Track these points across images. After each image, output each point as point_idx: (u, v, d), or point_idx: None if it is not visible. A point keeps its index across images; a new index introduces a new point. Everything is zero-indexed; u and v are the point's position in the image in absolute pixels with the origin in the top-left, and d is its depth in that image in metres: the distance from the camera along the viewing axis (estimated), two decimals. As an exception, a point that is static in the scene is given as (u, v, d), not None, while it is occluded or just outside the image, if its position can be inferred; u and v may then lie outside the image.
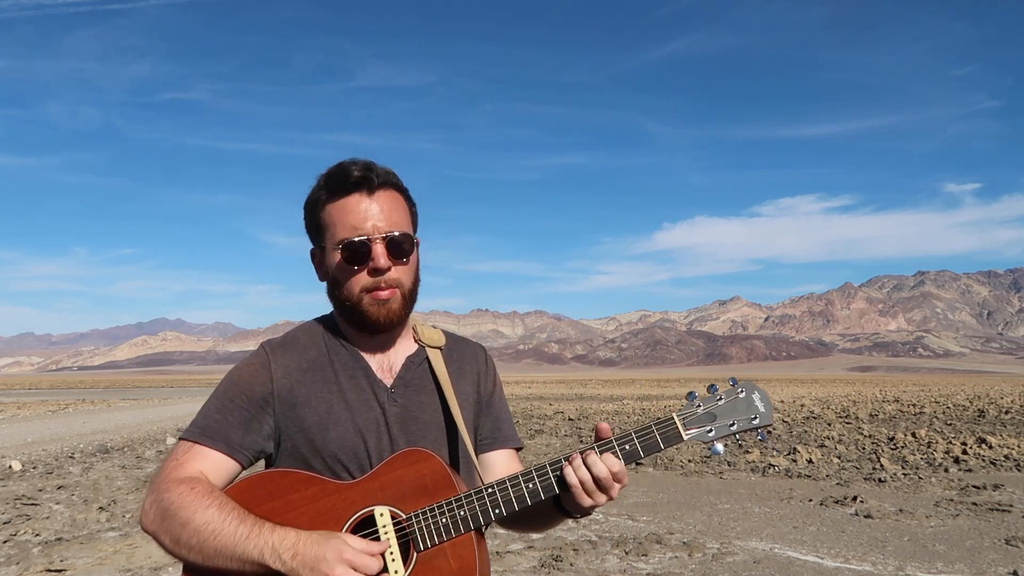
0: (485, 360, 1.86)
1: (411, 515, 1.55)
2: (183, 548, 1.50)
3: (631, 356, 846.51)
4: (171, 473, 1.57)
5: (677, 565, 6.38)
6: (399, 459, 1.58)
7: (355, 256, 1.62)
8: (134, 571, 6.14)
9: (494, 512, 1.56)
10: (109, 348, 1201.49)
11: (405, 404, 1.69)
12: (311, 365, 1.69)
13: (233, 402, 1.64)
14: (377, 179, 1.64)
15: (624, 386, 78.91)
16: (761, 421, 1.64)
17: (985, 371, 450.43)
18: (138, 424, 22.82)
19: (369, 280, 1.63)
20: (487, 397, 1.83)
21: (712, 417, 1.63)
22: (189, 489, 1.52)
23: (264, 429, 1.65)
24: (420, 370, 1.74)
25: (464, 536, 1.55)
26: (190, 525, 1.49)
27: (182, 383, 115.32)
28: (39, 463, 13.04)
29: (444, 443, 1.72)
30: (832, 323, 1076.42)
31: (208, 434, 1.61)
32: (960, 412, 25.36)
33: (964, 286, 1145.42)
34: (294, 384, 1.66)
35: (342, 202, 1.64)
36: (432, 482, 1.57)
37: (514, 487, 1.58)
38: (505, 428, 1.84)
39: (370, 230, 1.62)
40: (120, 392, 64.06)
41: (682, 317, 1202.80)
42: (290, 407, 1.65)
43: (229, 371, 1.72)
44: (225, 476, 1.61)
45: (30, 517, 8.22)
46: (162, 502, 1.53)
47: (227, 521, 1.48)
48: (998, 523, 7.87)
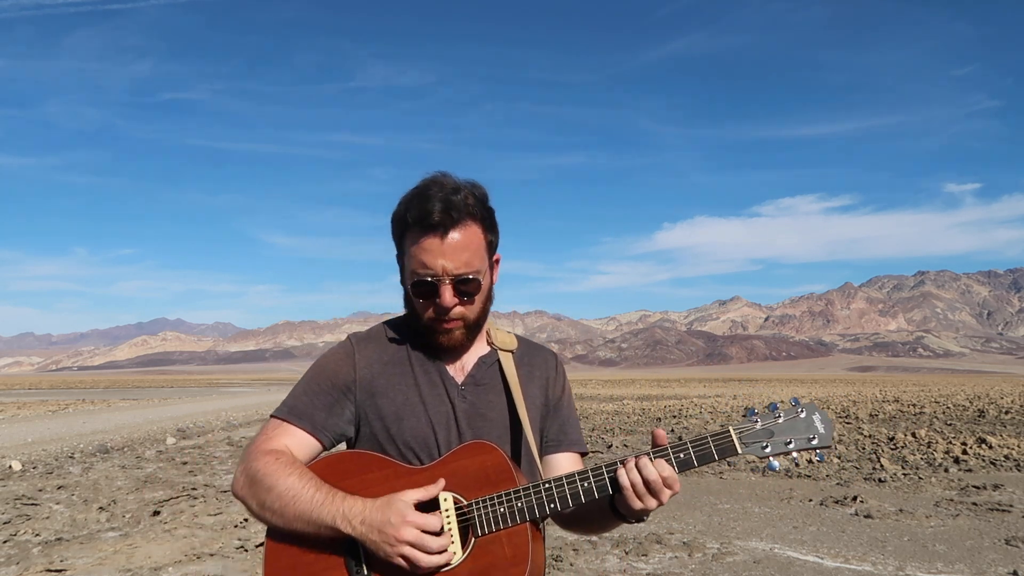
0: (556, 367, 1.96)
1: (472, 502, 1.66)
2: (267, 511, 1.67)
3: (631, 356, 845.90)
4: (261, 445, 1.75)
5: (677, 565, 6.38)
6: (465, 450, 1.71)
7: (423, 293, 1.74)
8: (134, 571, 6.13)
9: (549, 506, 1.66)
10: (109, 348, 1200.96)
11: (474, 401, 1.82)
12: (391, 359, 1.83)
13: (319, 387, 1.80)
14: (455, 218, 1.70)
15: (624, 386, 78.87)
16: (820, 442, 1.67)
17: (985, 371, 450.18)
18: (138, 424, 22.81)
19: (433, 315, 1.76)
20: (555, 401, 1.92)
21: (769, 434, 1.67)
22: (275, 459, 1.69)
23: (345, 414, 1.80)
24: (491, 371, 1.86)
25: (520, 526, 1.64)
26: (274, 491, 1.65)
27: (182, 383, 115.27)
28: (39, 463, 13.04)
29: (508, 440, 1.83)
30: (832, 323, 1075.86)
31: (295, 414, 1.78)
32: (960, 412, 25.35)
33: (964, 286, 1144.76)
34: (375, 375, 1.81)
35: (418, 237, 1.72)
36: (494, 473, 1.68)
37: (570, 485, 1.67)
38: (571, 432, 1.93)
39: (439, 270, 1.71)
40: (120, 392, 64.02)
41: (682, 317, 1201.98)
42: (370, 396, 1.79)
43: (318, 358, 1.87)
44: (308, 453, 1.77)
45: (30, 517, 8.21)
46: (250, 470, 1.70)
47: (305, 489, 1.64)
48: (998, 523, 7.87)
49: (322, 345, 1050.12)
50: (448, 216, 1.69)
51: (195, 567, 6.25)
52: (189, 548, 6.81)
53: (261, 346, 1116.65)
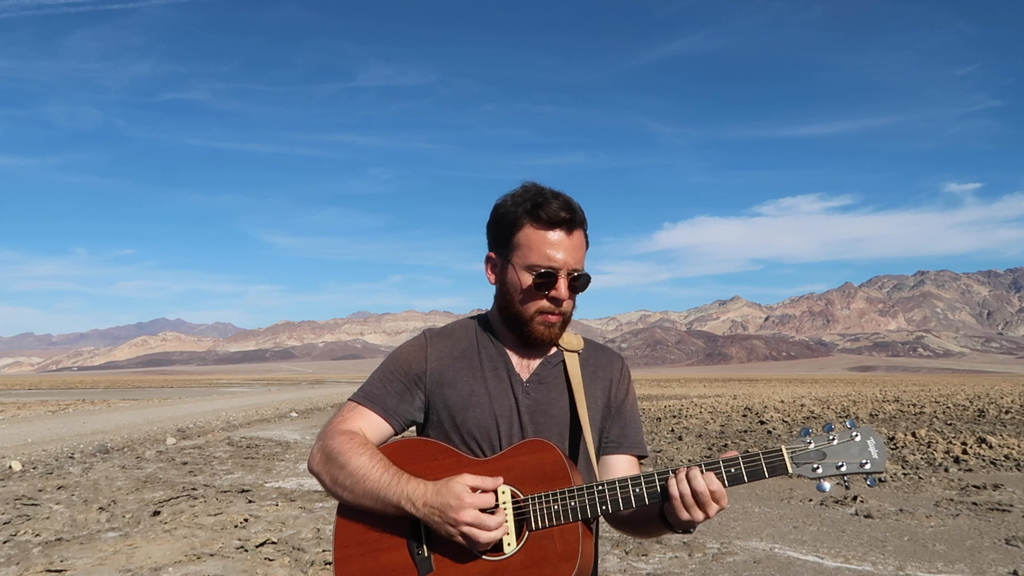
0: (620, 369, 2.04)
1: (529, 497, 1.74)
2: (339, 487, 1.81)
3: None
4: (337, 425, 1.89)
5: (677, 565, 6.38)
6: (525, 446, 1.80)
7: (542, 284, 1.85)
8: (134, 571, 6.13)
9: (600, 508, 1.73)
10: (109, 348, 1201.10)
11: (537, 398, 1.91)
12: (462, 354, 1.95)
13: (393, 375, 1.94)
14: (578, 219, 1.87)
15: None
16: (873, 468, 1.68)
17: (985, 371, 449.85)
18: (138, 424, 22.80)
19: (547, 305, 1.87)
20: (617, 404, 2.00)
21: (821, 455, 1.69)
22: (349, 439, 1.84)
23: (416, 402, 1.93)
24: (555, 370, 1.96)
25: (572, 524, 1.72)
26: (346, 468, 1.79)
27: (182, 383, 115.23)
28: (39, 463, 13.04)
29: (567, 438, 1.92)
30: (832, 323, 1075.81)
31: (370, 398, 1.93)
32: (960, 412, 25.35)
33: (964, 286, 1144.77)
34: (445, 367, 1.93)
35: (543, 232, 1.85)
36: (551, 471, 1.75)
37: (622, 489, 1.73)
38: (632, 435, 2.00)
39: (560, 264, 1.84)
40: (120, 392, 63.98)
41: (682, 317, 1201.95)
42: (439, 386, 1.92)
43: (394, 349, 2.01)
44: (379, 436, 1.91)
45: (30, 517, 8.21)
46: (327, 447, 1.85)
47: (375, 468, 1.77)
48: (998, 523, 7.87)
49: (322, 345, 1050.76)
50: (575, 215, 1.85)
51: (195, 567, 6.25)
52: (189, 548, 6.81)
53: (261, 346, 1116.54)
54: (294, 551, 6.72)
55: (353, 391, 2.00)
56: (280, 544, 6.99)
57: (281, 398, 45.28)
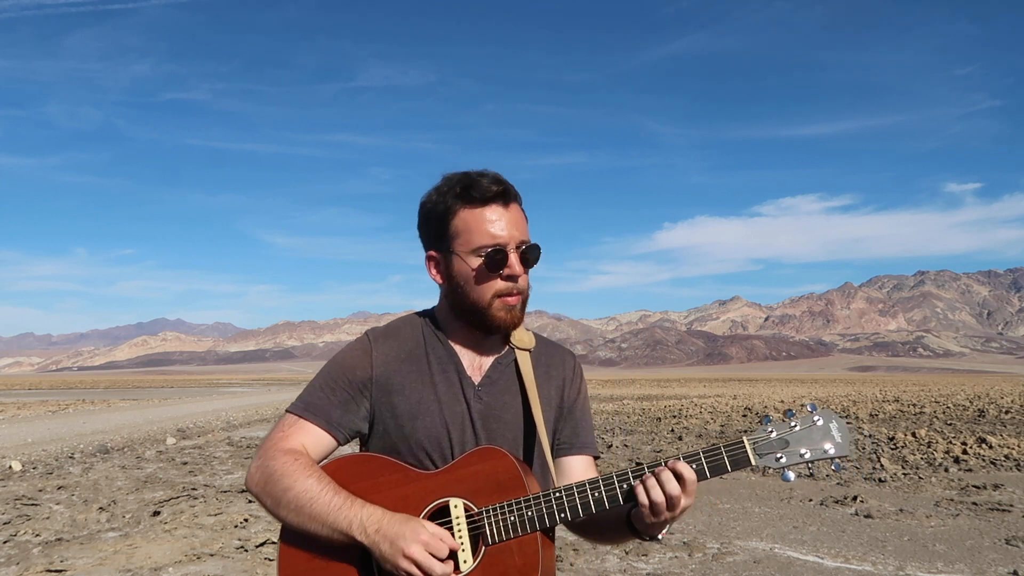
0: (573, 368, 1.93)
1: (483, 509, 1.64)
2: (282, 510, 1.67)
3: (631, 356, 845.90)
4: (278, 443, 1.75)
5: (677, 565, 6.38)
6: (476, 455, 1.69)
7: (493, 263, 1.72)
8: (134, 571, 6.13)
9: (559, 515, 1.63)
10: (109, 348, 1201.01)
11: (489, 402, 1.80)
12: (408, 356, 1.82)
13: (336, 383, 1.79)
14: (512, 192, 1.77)
15: (624, 386, 78.87)
16: (837, 452, 1.62)
17: (985, 371, 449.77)
18: (138, 424, 22.80)
19: (503, 285, 1.74)
20: (570, 403, 1.90)
21: (784, 443, 1.62)
22: (293, 460, 1.70)
23: (361, 411, 1.79)
24: (507, 371, 1.84)
25: (530, 536, 1.62)
26: (291, 491, 1.66)
27: (182, 383, 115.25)
28: (39, 463, 13.04)
29: (521, 442, 1.82)
30: (832, 323, 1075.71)
31: (311, 410, 1.78)
32: (960, 412, 25.35)
33: (964, 286, 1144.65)
34: (391, 372, 1.79)
35: (479, 211, 1.73)
36: (505, 480, 1.65)
37: (580, 494, 1.64)
38: (583, 435, 1.91)
39: (507, 239, 1.73)
40: (120, 392, 63.99)
41: (682, 317, 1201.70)
42: (385, 393, 1.78)
43: (335, 354, 1.86)
44: (323, 450, 1.78)
45: (30, 517, 8.21)
46: (267, 468, 1.71)
47: (324, 491, 1.65)
48: (998, 523, 7.87)
49: (322, 345, 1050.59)
50: (507, 187, 1.75)
51: (195, 567, 6.25)
52: (189, 548, 6.81)
53: (261, 346, 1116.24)
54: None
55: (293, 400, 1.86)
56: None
57: (281, 398, 45.28)
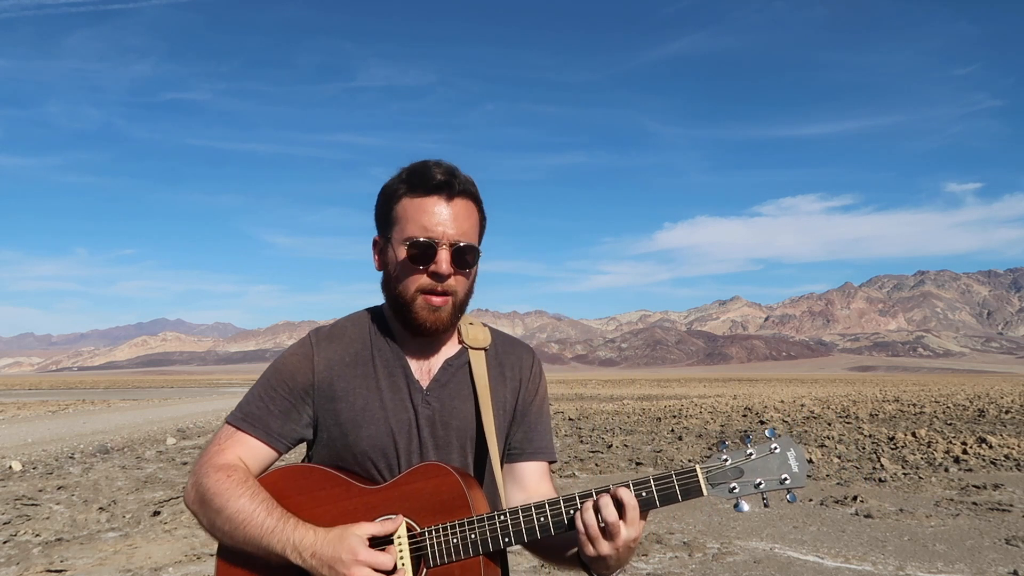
0: (531, 366, 1.82)
1: (425, 530, 1.57)
2: (217, 532, 1.60)
3: (631, 356, 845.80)
4: (212, 458, 1.66)
5: (677, 565, 6.38)
6: (420, 471, 1.61)
7: (419, 256, 1.62)
8: (134, 571, 6.13)
9: (503, 540, 1.56)
10: (109, 348, 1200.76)
11: (438, 407, 1.70)
12: (353, 359, 1.72)
13: (276, 391, 1.70)
14: (458, 186, 1.64)
15: (624, 386, 78.84)
16: (793, 483, 1.54)
17: (985, 371, 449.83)
18: (138, 424, 22.80)
19: (427, 282, 1.64)
20: (525, 406, 1.79)
21: (739, 472, 1.54)
22: (226, 476, 1.61)
23: (303, 419, 1.71)
24: (459, 373, 1.74)
25: (473, 559, 1.55)
26: (223, 512, 1.57)
27: (182, 383, 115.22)
28: (39, 463, 13.03)
29: (471, 450, 1.73)
30: (832, 323, 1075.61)
31: (249, 420, 1.69)
32: (960, 412, 25.35)
33: (964, 286, 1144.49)
34: (335, 377, 1.70)
35: (419, 200, 1.64)
36: (449, 499, 1.57)
37: (526, 518, 1.56)
38: (537, 440, 1.79)
39: (439, 235, 1.62)
40: (120, 392, 63.99)
41: (682, 317, 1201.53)
42: (329, 400, 1.69)
43: (275, 359, 1.77)
44: (262, 462, 1.69)
45: (30, 517, 8.21)
46: (201, 486, 1.62)
47: (256, 512, 1.56)
48: (998, 523, 7.86)
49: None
50: (454, 181, 1.64)
51: (195, 567, 6.25)
52: (189, 548, 6.81)
53: (261, 346, 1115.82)
54: (294, 551, 6.72)
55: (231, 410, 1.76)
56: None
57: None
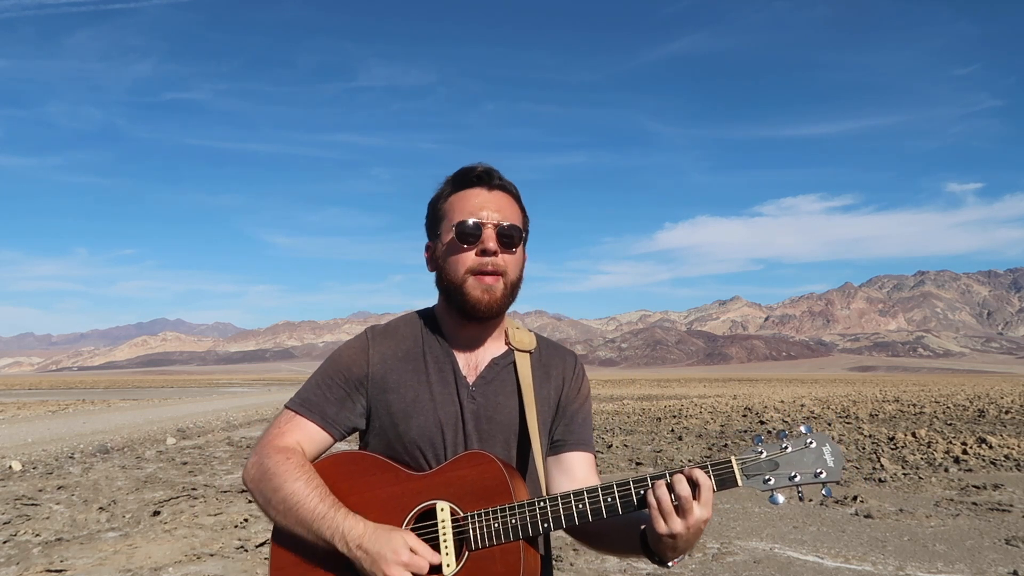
0: (574, 367, 1.92)
1: (468, 514, 1.65)
2: (272, 510, 1.70)
3: (631, 356, 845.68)
4: (273, 440, 1.77)
5: (677, 565, 6.37)
6: (464, 459, 1.70)
7: (466, 236, 1.74)
8: (134, 571, 6.13)
9: (542, 525, 1.62)
10: (109, 348, 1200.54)
11: (483, 402, 1.80)
12: (406, 355, 1.83)
13: (333, 380, 1.82)
14: (497, 179, 1.81)
15: (624, 386, 78.83)
16: (828, 477, 1.57)
17: (985, 371, 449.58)
18: (138, 424, 22.80)
19: (476, 261, 1.74)
20: (567, 402, 1.88)
21: (774, 465, 1.57)
22: (285, 459, 1.72)
23: (357, 408, 1.82)
24: (504, 372, 1.83)
25: (513, 544, 1.62)
26: (280, 492, 1.68)
27: (182, 383, 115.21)
28: (39, 463, 13.04)
29: (514, 445, 1.81)
30: (832, 323, 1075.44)
31: (308, 406, 1.80)
32: (960, 412, 25.34)
33: (964, 286, 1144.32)
34: (388, 370, 1.81)
35: (463, 193, 1.79)
36: (491, 486, 1.66)
37: (564, 505, 1.63)
38: (577, 431, 1.88)
39: (484, 217, 1.75)
40: (120, 392, 63.98)
41: (682, 317, 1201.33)
42: (381, 391, 1.80)
43: (334, 351, 1.88)
44: (319, 446, 1.80)
45: (30, 517, 8.21)
46: (262, 465, 1.73)
47: (310, 496, 1.66)
48: (998, 523, 7.87)
49: (322, 345, 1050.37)
50: (493, 174, 1.80)
51: (195, 567, 6.25)
52: (189, 548, 6.81)
53: (261, 346, 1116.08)
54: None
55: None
56: (280, 544, 6.99)
57: (281, 398, 45.23)
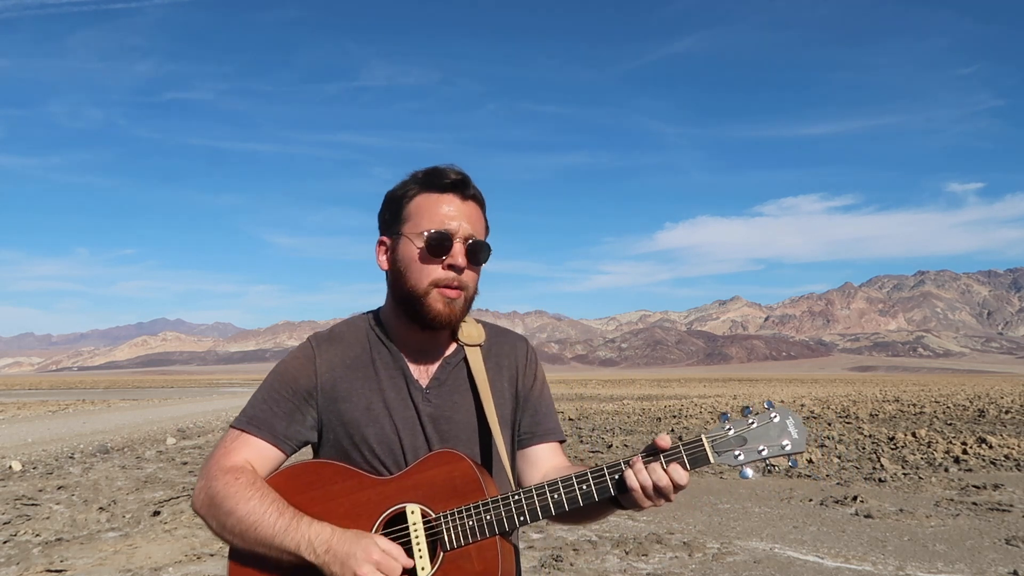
0: (526, 354, 1.88)
1: (440, 515, 1.61)
2: (228, 534, 1.62)
3: (631, 356, 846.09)
4: (220, 461, 1.68)
5: (677, 565, 6.38)
6: (431, 459, 1.65)
7: (437, 248, 1.67)
8: (134, 571, 6.14)
9: (519, 519, 1.61)
10: (109, 348, 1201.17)
11: (439, 404, 1.75)
12: (354, 362, 1.76)
13: (279, 394, 1.73)
14: (472, 189, 1.73)
15: (624, 386, 78.87)
16: (793, 448, 1.62)
17: (985, 371, 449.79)
18: (138, 424, 22.82)
19: (442, 275, 1.68)
20: (525, 391, 1.85)
21: (742, 441, 1.62)
22: (234, 479, 1.63)
23: (307, 420, 1.74)
24: (456, 370, 1.79)
25: (489, 540, 1.60)
26: (234, 515, 1.59)
27: (182, 383, 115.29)
28: (39, 463, 13.04)
29: (476, 442, 1.77)
30: (832, 323, 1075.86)
31: (255, 423, 1.72)
32: (960, 412, 25.35)
33: (964, 286, 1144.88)
34: (337, 379, 1.74)
35: (435, 196, 1.71)
36: (462, 484, 1.63)
37: (540, 497, 1.62)
38: (545, 421, 1.86)
39: (455, 228, 1.68)
40: (120, 392, 64.03)
41: (682, 317, 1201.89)
42: (332, 401, 1.73)
43: (277, 363, 1.79)
44: (269, 464, 1.71)
45: (30, 517, 8.22)
46: (210, 490, 1.64)
47: (267, 513, 1.58)
48: (998, 523, 7.87)
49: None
50: (468, 182, 1.73)
51: (195, 567, 6.25)
52: (189, 548, 6.81)
53: (261, 346, 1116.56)
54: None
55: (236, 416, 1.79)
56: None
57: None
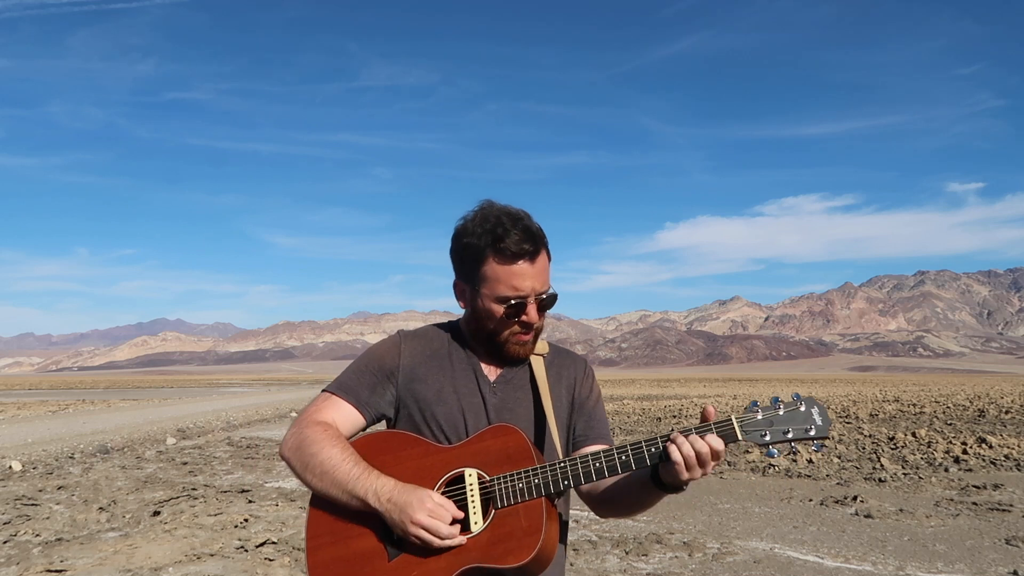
0: (584, 369, 2.18)
1: (494, 477, 1.86)
2: (308, 474, 1.90)
3: (631, 356, 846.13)
4: (311, 415, 2.00)
5: (677, 565, 6.38)
6: (489, 432, 1.93)
7: (513, 313, 1.96)
8: (134, 571, 6.14)
9: (563, 482, 1.83)
10: (109, 348, 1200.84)
11: (503, 397, 2.05)
12: (433, 354, 2.08)
13: (367, 368, 2.06)
14: (538, 246, 1.96)
15: (624, 386, 78.86)
16: (817, 433, 1.78)
17: (985, 371, 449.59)
18: (138, 424, 22.82)
19: (518, 329, 2.00)
20: (581, 400, 2.13)
21: (769, 423, 1.79)
22: (323, 430, 1.94)
23: (387, 396, 2.04)
24: (521, 372, 2.09)
25: (536, 500, 1.83)
26: (317, 457, 1.89)
27: (182, 383, 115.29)
28: (39, 463, 13.04)
29: (532, 433, 2.03)
30: (832, 323, 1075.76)
31: (344, 389, 2.03)
32: (960, 412, 25.35)
33: (964, 286, 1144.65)
34: (416, 364, 2.06)
35: (507, 267, 1.94)
36: (515, 453, 1.88)
37: (583, 463, 1.84)
38: (598, 427, 2.13)
39: (528, 291, 1.95)
40: (120, 392, 64.02)
41: (682, 317, 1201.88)
42: (410, 381, 2.04)
43: (369, 346, 2.14)
44: (351, 425, 2.02)
45: (30, 517, 8.22)
46: (300, 435, 1.95)
47: (344, 461, 1.88)
48: (998, 523, 7.87)
49: (322, 345, 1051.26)
50: (535, 244, 1.95)
51: (195, 567, 6.25)
52: (189, 548, 6.81)
53: (261, 346, 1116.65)
54: (294, 551, 6.72)
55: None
56: (280, 544, 7.00)
57: (281, 398, 45.30)
